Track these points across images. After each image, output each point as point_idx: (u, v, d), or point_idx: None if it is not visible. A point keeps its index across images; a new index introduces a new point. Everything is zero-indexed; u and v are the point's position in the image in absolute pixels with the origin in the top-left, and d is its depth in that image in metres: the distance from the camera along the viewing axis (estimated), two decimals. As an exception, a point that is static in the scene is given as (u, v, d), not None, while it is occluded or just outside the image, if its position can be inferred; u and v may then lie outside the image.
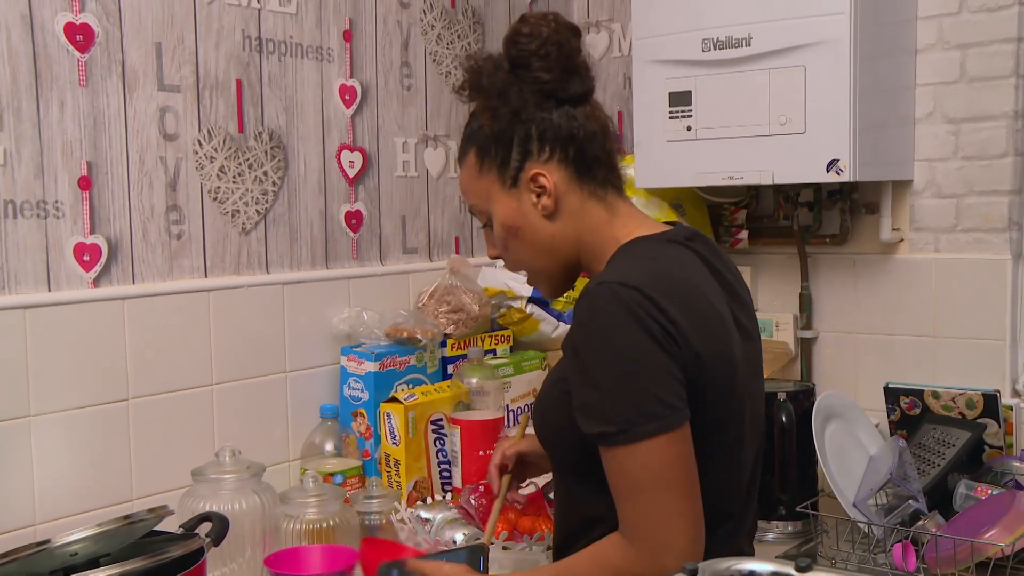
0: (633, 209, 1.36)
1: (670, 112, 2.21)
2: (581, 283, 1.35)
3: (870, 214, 2.28)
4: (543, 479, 1.93)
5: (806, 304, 2.35)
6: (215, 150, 1.91)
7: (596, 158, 1.31)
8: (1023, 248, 2.15)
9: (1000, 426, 1.98)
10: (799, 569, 0.97)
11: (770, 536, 2.02)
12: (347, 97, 2.16)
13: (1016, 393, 2.12)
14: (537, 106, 1.28)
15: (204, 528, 1.53)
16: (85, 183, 1.72)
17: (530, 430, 1.50)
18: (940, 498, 1.92)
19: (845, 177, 2.01)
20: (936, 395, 2.06)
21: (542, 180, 1.29)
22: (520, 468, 1.62)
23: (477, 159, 1.33)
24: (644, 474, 1.14)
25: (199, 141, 1.89)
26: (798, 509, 1.96)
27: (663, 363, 1.14)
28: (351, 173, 2.17)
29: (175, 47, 1.84)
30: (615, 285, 1.16)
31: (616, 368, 1.15)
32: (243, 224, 1.97)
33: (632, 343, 1.14)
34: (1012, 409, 2.02)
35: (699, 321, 1.18)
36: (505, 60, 1.30)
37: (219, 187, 1.92)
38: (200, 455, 1.79)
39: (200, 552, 1.42)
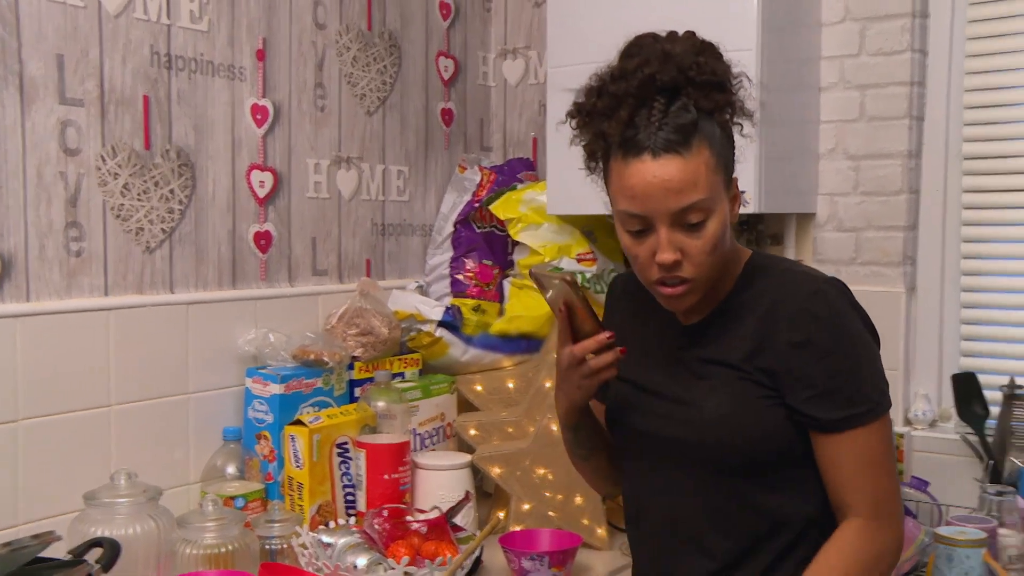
0: None
1: (582, 140, 2.24)
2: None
3: (775, 245, 2.35)
4: (446, 503, 1.92)
5: (712, 332, 2.39)
6: (119, 167, 1.87)
7: None
8: (916, 282, 2.23)
9: (893, 453, 2.05)
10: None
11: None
12: (259, 116, 2.14)
13: (908, 422, 2.20)
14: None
15: (94, 554, 1.49)
16: (-21, 197, 1.67)
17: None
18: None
19: (750, 208, 2.06)
20: (833, 423, 2.11)
21: (739, 187, 1.32)
22: None
23: (713, 154, 1.25)
24: (882, 448, 1.27)
25: (103, 157, 1.84)
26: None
27: (878, 351, 1.33)
28: (261, 193, 2.15)
29: (78, 60, 1.80)
30: (835, 282, 1.30)
31: (858, 355, 1.28)
32: (147, 242, 1.93)
33: (865, 333, 1.31)
34: (903, 437, 2.09)
35: None
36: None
37: (123, 204, 1.88)
38: (96, 478, 1.74)
39: (87, 579, 1.38)
